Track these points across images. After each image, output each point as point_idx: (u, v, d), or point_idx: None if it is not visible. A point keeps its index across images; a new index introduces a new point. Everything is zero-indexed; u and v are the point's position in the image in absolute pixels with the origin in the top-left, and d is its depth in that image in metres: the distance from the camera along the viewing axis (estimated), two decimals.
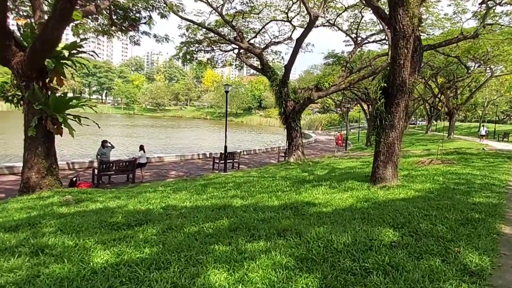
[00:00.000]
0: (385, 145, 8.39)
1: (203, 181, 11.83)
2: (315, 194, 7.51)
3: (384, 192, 7.38)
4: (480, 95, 51.12)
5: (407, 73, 8.01)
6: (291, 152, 18.74)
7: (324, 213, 5.89)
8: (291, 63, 17.53)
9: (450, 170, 10.89)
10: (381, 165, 8.44)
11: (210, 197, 7.98)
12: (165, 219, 5.95)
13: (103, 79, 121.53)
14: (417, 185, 8.16)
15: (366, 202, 6.53)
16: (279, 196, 7.55)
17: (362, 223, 5.14)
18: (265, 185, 9.63)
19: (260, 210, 6.22)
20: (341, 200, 6.82)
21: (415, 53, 8.64)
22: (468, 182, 8.63)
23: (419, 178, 9.13)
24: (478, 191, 7.55)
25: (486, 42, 21.44)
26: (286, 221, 5.42)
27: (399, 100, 8.13)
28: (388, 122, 8.27)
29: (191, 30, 23.43)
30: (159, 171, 17.38)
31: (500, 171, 11.00)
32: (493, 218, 5.40)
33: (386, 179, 8.34)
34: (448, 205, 6.16)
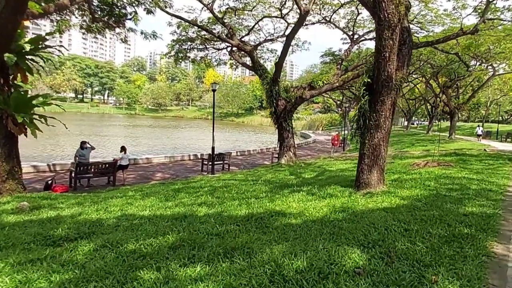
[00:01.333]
0: (370, 147, 7.62)
1: (181, 184, 11.11)
2: (290, 202, 6.76)
3: (366, 200, 6.61)
4: (483, 94, 50.11)
5: (393, 67, 7.24)
6: (282, 153, 17.98)
7: (291, 226, 5.14)
8: (282, 60, 16.78)
9: (445, 174, 10.08)
10: (365, 169, 7.67)
11: (176, 205, 7.25)
12: (110, 232, 5.24)
13: (104, 79, 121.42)
14: (404, 191, 7.38)
15: (341, 212, 5.77)
16: (250, 204, 6.81)
17: (329, 240, 4.39)
18: (242, 190, 8.90)
19: (221, 222, 5.49)
20: (315, 209, 6.06)
21: (404, 46, 7.87)
22: (462, 188, 7.83)
23: (408, 183, 8.34)
24: (472, 199, 6.77)
25: (487, 38, 20.55)
26: (244, 236, 4.68)
27: (385, 97, 7.35)
28: (373, 122, 7.50)
29: (182, 28, 22.73)
30: (145, 173, 16.67)
31: (499, 175, 10.18)
32: (484, 234, 4.62)
33: (371, 185, 7.57)
34: (434, 216, 5.39)
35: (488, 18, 17.50)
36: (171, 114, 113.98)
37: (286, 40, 16.51)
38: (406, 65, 7.95)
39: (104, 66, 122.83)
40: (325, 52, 29.37)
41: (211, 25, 23.02)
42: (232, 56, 22.15)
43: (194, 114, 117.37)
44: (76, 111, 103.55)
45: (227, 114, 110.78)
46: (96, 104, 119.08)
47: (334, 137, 25.05)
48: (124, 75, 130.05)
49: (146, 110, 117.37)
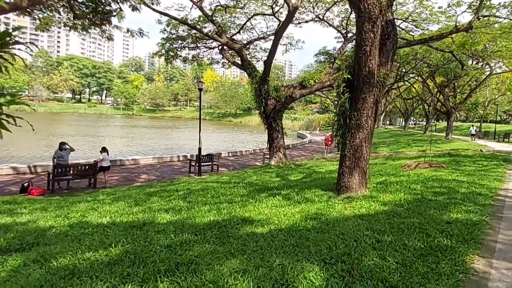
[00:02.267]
0: (351, 148, 7.13)
1: (159, 187, 10.62)
2: (262, 208, 6.27)
3: (343, 206, 6.12)
4: (480, 94, 49.60)
5: (375, 62, 6.74)
6: (272, 154, 17.47)
7: (254, 236, 4.65)
8: (271, 59, 16.27)
9: (435, 176, 9.59)
10: (346, 171, 7.17)
11: (142, 210, 6.76)
12: (54, 242, 4.75)
13: (102, 80, 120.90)
14: (388, 195, 6.88)
15: (313, 220, 5.28)
16: (220, 210, 6.32)
17: (289, 253, 3.90)
18: (219, 193, 8.40)
19: (180, 230, 5.00)
20: (286, 216, 5.57)
21: (388, 40, 7.38)
22: (450, 192, 7.34)
23: (393, 186, 7.84)
24: (459, 204, 6.27)
25: (482, 37, 20.05)
26: (197, 248, 4.19)
27: (366, 95, 6.86)
28: (354, 121, 7.01)
29: (172, 26, 22.25)
30: (129, 175, 16.17)
31: (491, 177, 9.69)
32: (465, 246, 4.13)
33: (352, 189, 7.07)
34: (414, 225, 4.90)
35: (483, 15, 17.01)
36: (168, 114, 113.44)
37: (274, 37, 16.02)
38: (391, 61, 7.47)
39: (102, 66, 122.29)
40: (320, 51, 28.89)
41: (203, 23, 22.56)
42: (223, 55, 21.67)
43: (192, 114, 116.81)
44: (73, 111, 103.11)
45: (225, 114, 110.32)
46: (93, 105, 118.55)
47: (328, 137, 24.45)
48: (122, 75, 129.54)
49: (144, 111, 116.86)
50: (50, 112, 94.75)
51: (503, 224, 5.19)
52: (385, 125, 78.11)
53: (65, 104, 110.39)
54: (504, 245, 4.28)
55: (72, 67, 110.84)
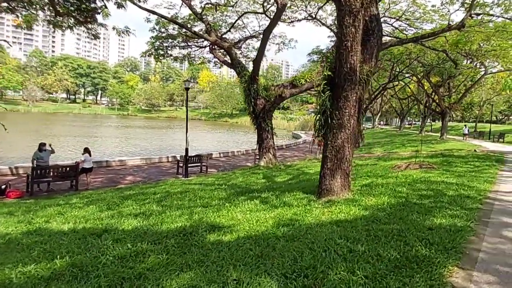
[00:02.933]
0: (333, 149, 6.78)
1: (139, 189, 10.23)
2: (236, 213, 5.91)
3: (322, 211, 5.76)
4: (476, 94, 49.46)
5: (357, 59, 6.40)
6: (261, 155, 17.11)
7: (219, 245, 4.29)
8: (260, 57, 15.91)
9: (423, 177, 9.26)
10: (327, 173, 6.82)
11: (111, 216, 6.38)
12: (3, 252, 4.35)
13: (97, 80, 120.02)
14: (371, 199, 6.54)
15: (286, 226, 4.92)
16: (192, 215, 5.96)
17: (251, 265, 3.54)
18: (198, 196, 8.03)
19: (141, 239, 4.63)
20: (259, 222, 5.21)
21: (372, 36, 7.04)
22: (437, 195, 7.00)
23: (378, 189, 7.50)
24: (444, 208, 5.93)
25: (476, 35, 19.78)
26: (153, 259, 3.84)
27: (348, 93, 6.50)
28: (336, 121, 6.66)
29: (161, 24, 21.86)
30: (115, 176, 15.76)
31: (482, 179, 9.36)
32: (445, 256, 3.78)
33: (333, 192, 6.72)
34: (393, 232, 4.55)
35: (476, 13, 16.73)
36: (164, 114, 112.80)
37: (263, 35, 15.66)
38: (375, 58, 7.13)
39: (97, 66, 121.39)
40: (313, 50, 28.59)
41: (193, 21, 22.18)
42: (214, 54, 21.30)
43: None
44: (68, 111, 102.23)
45: (221, 114, 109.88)
46: (88, 105, 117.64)
47: None
48: (117, 76, 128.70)
49: (139, 111, 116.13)
50: (44, 113, 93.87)
51: (488, 230, 4.85)
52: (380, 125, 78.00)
53: (60, 104, 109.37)
54: (487, 255, 3.94)
55: (67, 67, 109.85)
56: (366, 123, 74.79)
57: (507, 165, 13.90)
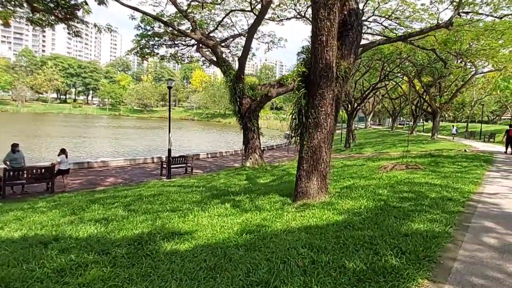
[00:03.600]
0: (309, 150, 6.43)
1: (112, 192, 9.80)
2: (204, 218, 5.54)
3: (293, 215, 5.41)
4: (468, 94, 49.55)
5: (333, 54, 6.05)
6: (247, 155, 16.75)
7: (174, 255, 3.92)
8: (245, 55, 15.54)
9: (408, 178, 8.95)
10: (303, 175, 6.47)
11: (70, 221, 5.96)
12: None
13: (88, 80, 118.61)
14: (348, 202, 6.19)
15: (251, 233, 4.55)
16: (156, 220, 5.57)
17: (199, 280, 3.17)
18: (171, 199, 7.64)
19: (90, 248, 4.23)
20: (223, 229, 4.85)
21: (351, 31, 6.70)
22: (419, 197, 6.69)
23: (358, 191, 7.16)
24: (424, 212, 5.61)
25: (465, 35, 19.61)
26: (96, 271, 3.45)
27: (324, 90, 6.16)
28: (312, 120, 6.31)
29: (146, 22, 21.41)
30: (95, 178, 15.29)
31: (467, 180, 9.08)
32: (416, 267, 3.44)
33: (309, 195, 6.37)
34: (364, 239, 4.21)
35: (464, 11, 16.52)
36: (156, 115, 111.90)
37: (248, 33, 15.31)
38: (354, 54, 6.78)
39: (88, 66, 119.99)
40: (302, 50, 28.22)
41: (180, 19, 21.75)
42: (200, 52, 20.93)
43: (180, 115, 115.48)
44: (58, 112, 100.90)
45: (214, 115, 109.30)
46: (79, 105, 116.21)
47: None
48: (108, 75, 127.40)
49: (131, 111, 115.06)
50: (34, 113, 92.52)
51: (467, 236, 4.52)
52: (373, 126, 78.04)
53: (49, 104, 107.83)
54: (462, 264, 3.60)
55: (57, 66, 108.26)
56: (358, 123, 74.88)
57: (495, 165, 13.69)
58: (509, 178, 10.10)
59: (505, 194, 7.47)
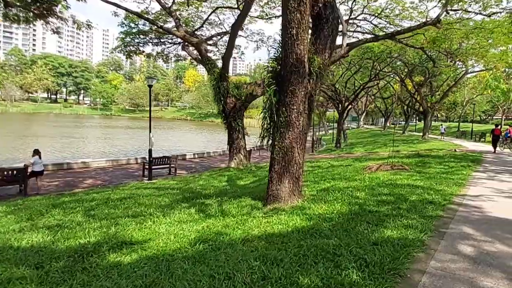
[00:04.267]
0: (280, 150, 6.04)
1: (80, 196, 9.31)
2: (162, 224, 5.13)
3: (258, 222, 5.00)
4: (460, 94, 49.58)
5: (304, 48, 5.67)
6: (232, 156, 16.32)
7: (114, 268, 3.50)
8: (228, 54, 15.09)
9: (390, 180, 8.61)
10: (275, 178, 6.08)
11: (21, 228, 5.52)
12: None
13: (79, 79, 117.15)
14: (322, 206, 5.81)
15: (205, 243, 4.15)
16: (111, 227, 5.15)
17: None
18: (138, 203, 7.20)
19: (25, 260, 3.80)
20: (179, 237, 4.44)
21: (326, 24, 6.33)
22: (398, 200, 6.33)
23: (335, 194, 6.78)
24: (400, 216, 5.25)
25: (454, 33, 19.36)
26: None
27: (295, 87, 5.77)
28: (283, 118, 5.92)
29: (130, 19, 20.91)
30: (74, 180, 14.77)
31: (452, 180, 8.76)
32: (379, 282, 3.05)
33: (281, 198, 5.97)
34: (329, 248, 3.82)
35: (452, 9, 16.26)
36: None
37: (231, 30, 14.87)
38: (329, 49, 6.40)
39: (79, 65, 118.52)
40: None
41: (166, 16, 21.26)
42: (185, 50, 20.45)
43: (173, 114, 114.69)
44: (48, 112, 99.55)
45: (206, 114, 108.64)
46: (70, 105, 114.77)
47: None
48: (100, 75, 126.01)
49: (123, 111, 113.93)
50: (23, 113, 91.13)
51: (442, 244, 4.16)
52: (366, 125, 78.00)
53: (40, 104, 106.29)
54: (432, 278, 3.22)
55: (47, 65, 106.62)
56: (351, 123, 74.81)
57: (483, 166, 13.43)
58: (494, 179, 9.82)
59: (489, 196, 7.14)
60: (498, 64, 24.36)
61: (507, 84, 36.92)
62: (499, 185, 8.74)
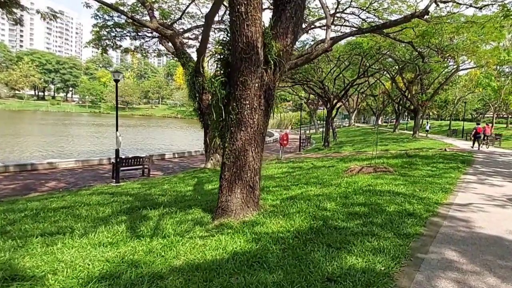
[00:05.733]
0: (231, 154, 5.02)
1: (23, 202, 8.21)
2: (73, 249, 4.08)
3: (191, 246, 3.98)
4: (451, 92, 48.98)
5: (257, 30, 4.65)
6: (208, 156, 15.29)
7: None
8: (203, 47, 13.96)
9: (370, 185, 7.65)
10: (225, 187, 5.07)
11: None
12: None
13: (67, 76, 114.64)
14: (279, 222, 4.82)
15: (104, 281, 3.12)
16: (11, 252, 4.09)
17: None
18: (70, 214, 6.14)
19: None
20: (81, 270, 3.40)
21: (289, 4, 5.30)
22: (373, 212, 5.36)
23: (300, 204, 5.79)
24: (372, 235, 4.29)
25: (445, 27, 18.50)
26: None
27: (247, 77, 4.75)
28: (234, 115, 4.90)
29: (103, 10, 19.70)
30: (34, 182, 13.61)
31: (438, 186, 7.82)
32: None
33: (231, 211, 4.97)
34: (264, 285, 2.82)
35: (442, 1, 15.34)
36: (139, 112, 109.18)
37: (205, 21, 13.74)
38: (293, 34, 5.39)
39: (67, 62, 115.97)
40: None
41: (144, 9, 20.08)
42: (162, 44, 19.34)
43: (163, 112, 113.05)
44: (35, 109, 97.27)
45: None
46: (57, 102, 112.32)
47: (283, 136, 22.16)
48: (88, 72, 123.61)
49: (112, 109, 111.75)
50: (8, 110, 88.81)
51: (416, 280, 3.18)
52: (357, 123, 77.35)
53: (26, 101, 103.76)
54: None
55: (34, 62, 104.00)
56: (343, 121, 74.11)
57: (474, 167, 12.57)
58: (485, 183, 8.92)
59: (479, 206, 6.21)
60: (490, 61, 23.57)
61: (498, 82, 36.30)
62: (490, 190, 7.84)
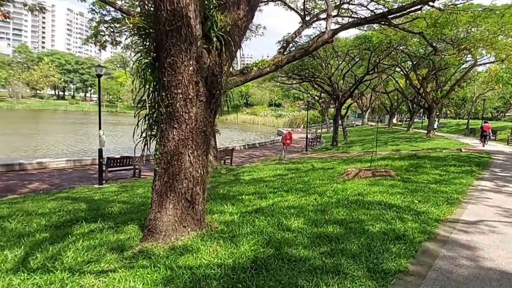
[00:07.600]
0: (162, 158, 3.92)
1: None
2: None
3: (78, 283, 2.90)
4: (470, 89, 46.54)
5: None
6: None
7: None
8: None
9: (360, 194, 6.42)
10: (155, 200, 3.96)
11: None
12: None
13: (85, 76, 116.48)
14: (217, 249, 3.69)
15: None
16: None
17: None
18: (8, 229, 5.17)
19: None
20: None
21: None
22: (349, 235, 4.18)
23: (259, 221, 4.63)
24: (336, 273, 3.13)
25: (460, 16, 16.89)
26: None
27: (177, 58, 3.64)
28: (164, 108, 3.80)
29: (99, 4, 18.94)
30: (17, 183, 12.90)
31: (444, 195, 6.51)
32: None
33: (160, 232, 3.86)
34: None
35: None
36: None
37: None
38: (246, 3, 4.24)
39: (85, 62, 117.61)
40: (283, 39, 25.65)
41: None
42: None
43: None
44: (54, 108, 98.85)
45: None
46: (76, 102, 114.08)
47: (286, 136, 20.82)
48: (106, 72, 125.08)
49: (129, 108, 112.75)
50: (28, 109, 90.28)
51: None
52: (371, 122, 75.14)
53: (46, 101, 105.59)
54: None
55: (53, 62, 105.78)
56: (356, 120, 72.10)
57: (491, 171, 11.06)
58: (503, 192, 7.51)
59: (491, 224, 4.91)
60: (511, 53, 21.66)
61: None
62: (509, 202, 6.47)
